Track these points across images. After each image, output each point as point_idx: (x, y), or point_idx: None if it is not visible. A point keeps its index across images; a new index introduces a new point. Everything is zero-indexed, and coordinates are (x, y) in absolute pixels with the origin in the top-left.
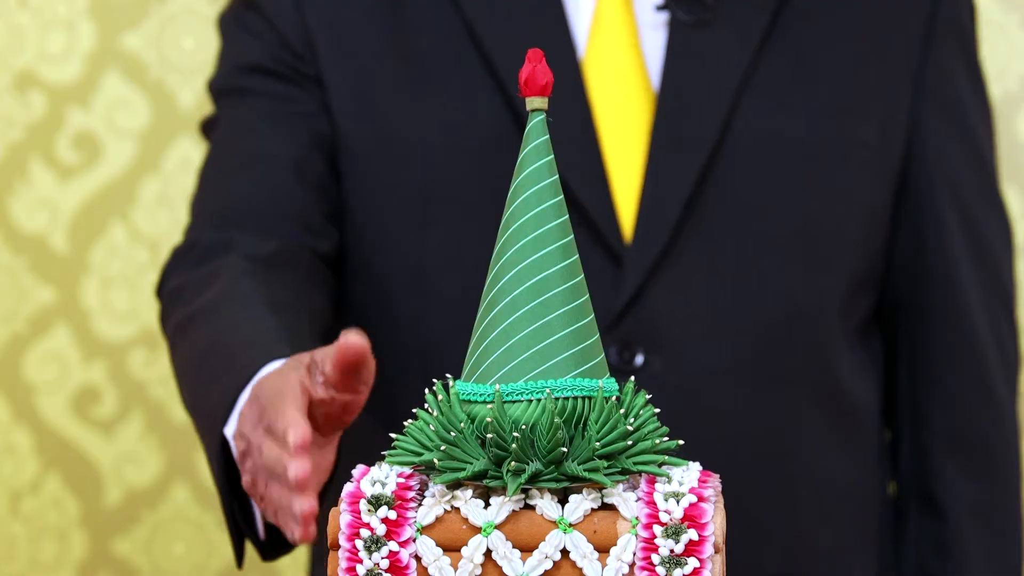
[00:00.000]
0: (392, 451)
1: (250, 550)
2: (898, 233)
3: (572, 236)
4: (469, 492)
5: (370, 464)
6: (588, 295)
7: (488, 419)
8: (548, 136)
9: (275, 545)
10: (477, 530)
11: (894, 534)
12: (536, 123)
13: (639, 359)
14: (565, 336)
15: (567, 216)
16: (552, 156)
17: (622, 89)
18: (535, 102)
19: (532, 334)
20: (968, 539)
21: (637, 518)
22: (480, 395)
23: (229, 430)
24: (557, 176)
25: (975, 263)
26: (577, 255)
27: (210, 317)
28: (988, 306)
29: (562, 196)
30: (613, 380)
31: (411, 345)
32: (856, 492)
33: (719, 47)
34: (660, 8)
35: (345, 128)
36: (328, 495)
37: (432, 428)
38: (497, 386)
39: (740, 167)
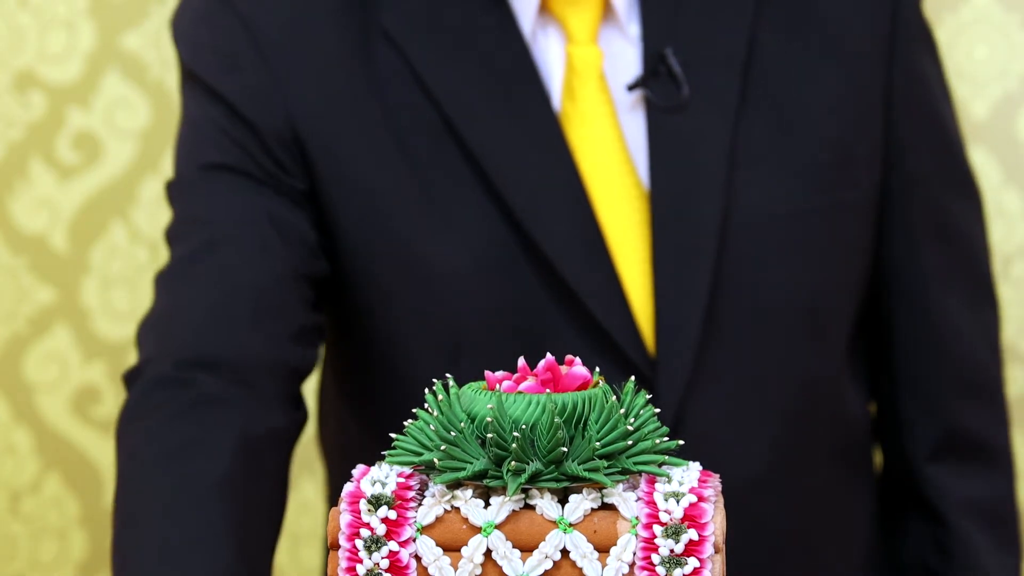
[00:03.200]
0: (392, 451)
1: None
2: (877, 242)
3: None
4: (469, 492)
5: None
6: None
7: (488, 419)
8: None
9: None
10: (477, 530)
11: (887, 538)
12: None
13: None
14: None
15: None
16: None
17: (614, 184)
18: None
19: None
20: (968, 537)
21: (637, 518)
22: None
23: None
24: None
25: (953, 260)
26: None
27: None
28: (971, 303)
29: None
30: None
31: None
32: (860, 516)
33: (700, 129)
34: (631, 88)
35: (352, 245)
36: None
37: (432, 428)
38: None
39: (744, 255)
